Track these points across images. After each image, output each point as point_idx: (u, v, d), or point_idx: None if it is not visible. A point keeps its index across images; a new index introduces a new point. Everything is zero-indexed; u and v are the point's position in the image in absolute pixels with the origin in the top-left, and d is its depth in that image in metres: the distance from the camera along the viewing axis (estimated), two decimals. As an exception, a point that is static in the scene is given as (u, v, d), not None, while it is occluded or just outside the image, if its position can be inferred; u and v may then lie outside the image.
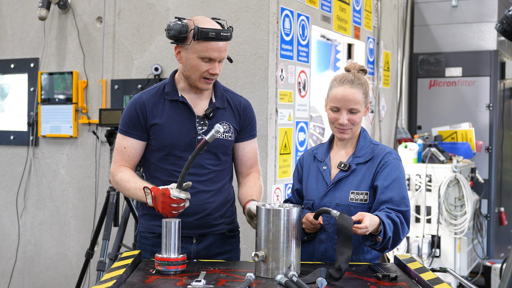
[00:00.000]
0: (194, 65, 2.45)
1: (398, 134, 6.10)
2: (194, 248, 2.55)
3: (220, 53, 2.45)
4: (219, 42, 2.42)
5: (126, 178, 2.51)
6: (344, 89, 2.47)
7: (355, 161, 2.49)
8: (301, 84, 4.10)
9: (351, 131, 2.50)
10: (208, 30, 2.40)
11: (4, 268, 4.64)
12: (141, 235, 2.62)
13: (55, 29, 4.43)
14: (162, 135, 2.51)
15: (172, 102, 2.53)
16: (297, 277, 2.04)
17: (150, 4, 4.08)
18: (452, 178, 5.16)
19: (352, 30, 4.99)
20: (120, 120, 2.59)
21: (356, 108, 2.46)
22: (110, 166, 2.64)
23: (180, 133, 2.51)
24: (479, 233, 5.79)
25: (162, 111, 2.52)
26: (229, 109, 2.61)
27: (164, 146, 2.51)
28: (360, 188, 2.45)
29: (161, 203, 2.29)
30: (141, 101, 2.54)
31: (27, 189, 4.54)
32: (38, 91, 4.47)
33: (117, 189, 2.59)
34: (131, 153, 2.56)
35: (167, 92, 2.54)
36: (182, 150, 2.51)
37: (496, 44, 6.19)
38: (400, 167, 2.48)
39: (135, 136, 2.54)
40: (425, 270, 2.17)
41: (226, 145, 2.58)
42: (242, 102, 2.66)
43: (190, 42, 2.42)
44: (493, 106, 6.16)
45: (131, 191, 2.47)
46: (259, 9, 3.72)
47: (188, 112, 2.53)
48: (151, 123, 2.52)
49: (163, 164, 2.54)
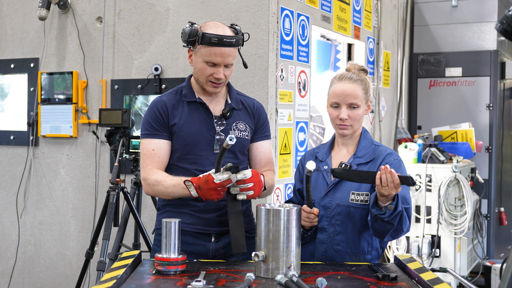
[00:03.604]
0: (200, 69, 2.54)
1: (398, 134, 6.10)
2: (214, 246, 2.57)
3: (224, 59, 2.50)
4: (223, 48, 2.48)
5: (160, 178, 2.50)
6: (343, 84, 2.48)
7: (356, 162, 2.49)
8: (301, 84, 4.10)
9: (352, 127, 2.49)
10: (210, 35, 2.47)
11: (4, 268, 4.64)
12: (158, 232, 2.62)
13: (55, 29, 4.43)
14: (182, 134, 2.56)
15: (190, 104, 2.61)
16: (297, 277, 2.04)
17: (150, 4, 4.08)
18: (452, 178, 5.16)
19: (352, 30, 4.99)
20: (142, 125, 2.62)
21: (355, 102, 2.46)
22: (140, 174, 2.61)
23: (200, 132, 2.57)
24: (479, 233, 5.79)
25: (181, 112, 2.59)
26: (244, 110, 2.69)
27: (185, 145, 2.56)
28: (360, 189, 2.45)
29: (207, 190, 2.34)
30: (162, 102, 2.60)
31: (27, 189, 4.54)
32: (38, 91, 4.47)
33: (153, 193, 2.56)
34: (161, 154, 2.57)
35: (185, 94, 2.62)
36: (201, 149, 2.57)
37: (496, 44, 6.19)
38: (401, 168, 2.48)
39: (162, 136, 2.57)
40: (425, 270, 2.17)
41: (244, 144, 2.64)
42: (255, 103, 2.74)
43: (197, 46, 2.52)
44: (493, 106, 6.16)
45: (170, 189, 2.47)
46: (259, 9, 3.72)
47: (206, 112, 2.60)
48: (171, 123, 2.57)
49: (183, 163, 2.57)
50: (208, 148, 2.57)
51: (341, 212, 2.45)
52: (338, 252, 2.46)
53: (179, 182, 2.45)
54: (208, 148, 2.57)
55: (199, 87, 2.63)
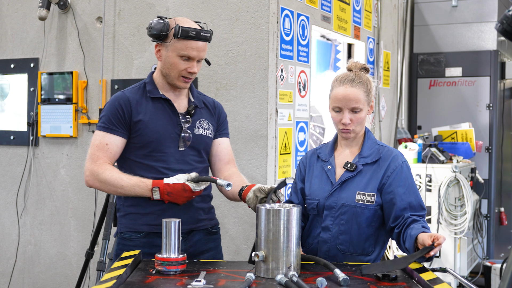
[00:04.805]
0: (173, 63, 2.53)
1: (398, 134, 6.09)
2: (183, 246, 2.56)
3: (199, 53, 2.53)
4: (199, 42, 2.51)
5: (116, 176, 2.49)
6: (345, 89, 2.46)
7: (361, 162, 2.48)
8: (301, 84, 4.10)
9: (354, 131, 2.49)
10: (188, 29, 2.49)
11: (4, 268, 4.64)
12: (123, 236, 2.60)
13: (55, 29, 4.43)
14: (147, 131, 2.55)
15: (154, 100, 2.60)
16: (297, 277, 2.04)
17: (150, 4, 4.08)
18: (452, 178, 5.16)
19: (352, 30, 4.99)
20: (101, 117, 2.59)
21: (357, 107, 2.46)
22: (87, 164, 2.56)
23: (165, 129, 2.56)
24: (479, 233, 5.79)
25: (145, 108, 2.57)
26: (206, 108, 2.72)
27: (149, 142, 2.55)
28: (367, 189, 2.44)
29: (180, 196, 2.41)
30: (125, 98, 2.58)
31: (27, 189, 4.54)
32: (38, 91, 4.47)
33: (99, 187, 2.54)
34: (114, 150, 2.55)
35: (149, 90, 2.61)
36: (167, 146, 2.56)
37: (496, 44, 6.19)
38: (409, 170, 2.51)
39: (118, 133, 2.55)
40: (425, 270, 2.17)
41: (207, 142, 2.67)
42: (215, 102, 2.79)
43: (171, 40, 2.51)
44: (493, 106, 6.16)
45: (127, 188, 2.47)
46: (259, 9, 3.72)
47: (171, 109, 2.60)
48: (135, 120, 2.55)
49: (148, 161, 2.56)
50: (174, 146, 2.57)
51: (347, 212, 2.45)
52: (341, 251, 2.46)
53: (138, 183, 2.46)
54: (174, 146, 2.57)
55: (164, 83, 2.62)
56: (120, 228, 2.64)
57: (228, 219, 3.81)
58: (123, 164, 2.63)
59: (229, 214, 3.80)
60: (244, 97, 3.74)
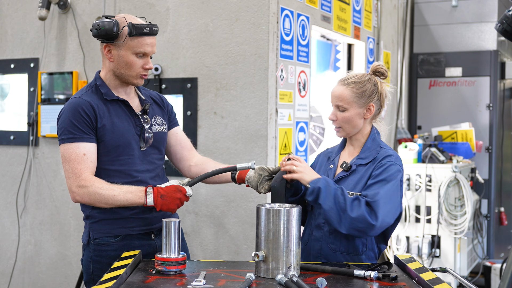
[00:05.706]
0: (129, 62, 2.48)
1: (398, 134, 6.10)
2: (158, 243, 2.56)
3: (153, 48, 2.52)
4: (153, 37, 2.50)
5: (106, 186, 2.39)
6: (336, 87, 2.54)
7: (357, 162, 2.50)
8: (301, 84, 4.10)
9: (344, 129, 2.52)
10: (141, 25, 2.45)
11: (4, 268, 4.64)
12: (98, 242, 2.52)
13: (55, 29, 4.43)
14: (112, 136, 2.48)
15: (112, 103, 2.53)
16: (297, 277, 2.04)
17: (150, 4, 4.08)
18: (452, 178, 5.16)
19: (352, 30, 4.99)
20: (63, 128, 2.46)
21: (341, 105, 2.49)
22: (71, 182, 2.42)
23: (128, 131, 2.52)
24: (479, 233, 5.79)
25: (105, 112, 2.50)
26: (155, 104, 2.69)
27: (116, 146, 2.48)
28: (355, 189, 2.45)
29: (174, 198, 2.37)
30: (85, 103, 2.47)
31: (27, 189, 4.54)
32: (38, 91, 4.47)
33: (90, 202, 2.41)
34: (92, 158, 2.45)
35: (105, 93, 2.53)
36: (132, 148, 2.53)
37: (496, 44, 6.19)
38: (398, 174, 2.43)
39: (90, 139, 2.45)
40: (425, 270, 2.17)
41: (164, 138, 2.66)
42: (158, 94, 2.75)
43: (125, 39, 2.45)
44: (493, 106, 6.16)
45: (120, 197, 2.38)
46: (259, 9, 3.72)
47: (128, 110, 2.56)
48: (99, 126, 2.46)
49: (115, 165, 2.49)
50: (137, 147, 2.53)
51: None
52: (333, 250, 2.48)
53: (130, 189, 2.39)
54: (137, 147, 2.53)
55: (116, 84, 2.55)
56: (93, 235, 2.53)
57: (228, 219, 3.81)
58: None
59: (229, 214, 3.80)
60: (244, 97, 3.74)
